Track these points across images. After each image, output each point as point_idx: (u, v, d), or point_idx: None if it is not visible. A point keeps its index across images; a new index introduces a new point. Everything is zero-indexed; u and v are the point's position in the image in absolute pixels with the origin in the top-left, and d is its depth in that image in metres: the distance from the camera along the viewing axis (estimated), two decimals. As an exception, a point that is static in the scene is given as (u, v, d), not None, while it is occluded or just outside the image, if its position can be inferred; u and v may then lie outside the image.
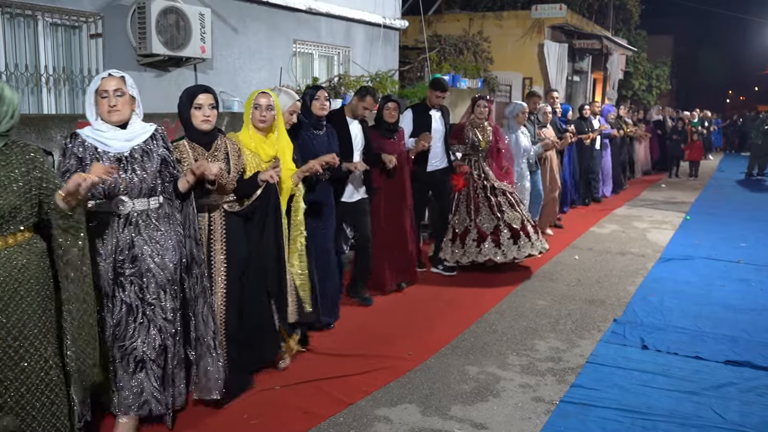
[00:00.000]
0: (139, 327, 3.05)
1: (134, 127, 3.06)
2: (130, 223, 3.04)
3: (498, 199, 6.15)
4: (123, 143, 3.01)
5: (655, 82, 22.32)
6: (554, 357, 4.31)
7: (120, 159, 2.99)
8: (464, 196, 6.22)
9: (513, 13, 15.02)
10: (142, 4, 5.92)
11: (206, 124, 3.39)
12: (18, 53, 5.47)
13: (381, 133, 5.43)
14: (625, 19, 21.28)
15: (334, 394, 3.67)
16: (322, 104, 4.54)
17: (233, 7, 7.23)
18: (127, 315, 3.04)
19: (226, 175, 3.43)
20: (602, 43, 15.33)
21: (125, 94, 2.99)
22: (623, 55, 18.29)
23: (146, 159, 3.05)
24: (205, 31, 6.37)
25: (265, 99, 3.77)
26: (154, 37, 5.91)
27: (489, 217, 6.08)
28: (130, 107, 3.03)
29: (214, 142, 3.49)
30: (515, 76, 14.16)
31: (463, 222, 6.14)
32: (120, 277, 3.03)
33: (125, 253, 3.02)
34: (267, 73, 7.63)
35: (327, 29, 8.71)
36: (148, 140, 3.09)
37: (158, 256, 3.07)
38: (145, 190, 3.05)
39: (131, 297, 3.04)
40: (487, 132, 6.29)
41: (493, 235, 6.03)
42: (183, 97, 3.41)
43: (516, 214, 6.13)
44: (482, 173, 6.25)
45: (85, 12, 5.78)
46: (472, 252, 6.03)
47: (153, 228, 3.09)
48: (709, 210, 10.49)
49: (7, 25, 5.37)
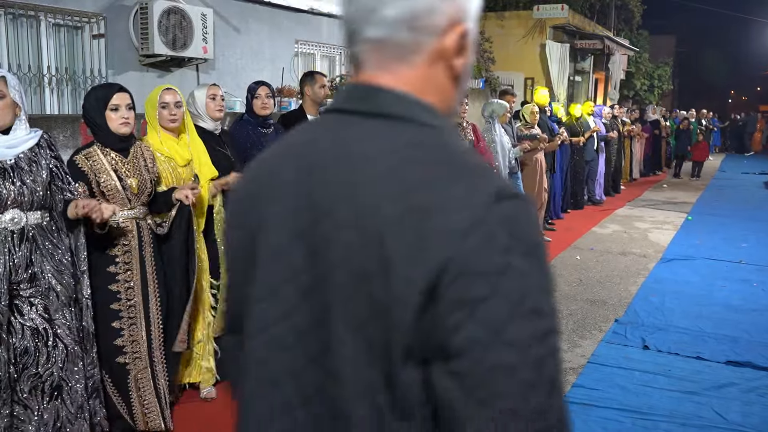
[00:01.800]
0: (53, 350, 2.76)
1: (17, 133, 2.69)
2: (26, 238, 2.69)
3: None
4: (4, 150, 2.65)
5: (657, 83, 22.33)
6: (555, 357, 4.31)
7: (4, 168, 2.64)
8: None
9: (515, 13, 15.02)
10: (144, 5, 5.94)
11: (125, 128, 3.02)
12: (21, 54, 5.49)
13: None
14: (626, 19, 21.29)
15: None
16: (263, 103, 4.11)
17: (235, 7, 7.24)
18: (35, 340, 2.71)
19: (118, 213, 2.94)
20: (604, 43, 15.34)
21: (6, 96, 2.63)
22: (625, 56, 18.30)
23: (35, 168, 2.71)
24: (207, 31, 6.38)
25: (171, 96, 3.36)
26: (156, 38, 5.93)
27: None
28: (12, 111, 2.66)
29: (131, 148, 3.12)
30: (517, 77, 14.17)
31: None
32: (15, 300, 2.67)
33: (22, 274, 2.67)
34: (269, 73, 7.64)
35: (329, 29, 8.72)
36: (35, 148, 2.74)
37: (59, 273, 2.78)
38: (37, 203, 2.71)
39: (36, 320, 2.71)
40: (466, 131, 6.00)
41: None
42: (92, 98, 3.01)
43: None
44: None
45: (87, 12, 5.79)
46: None
47: (50, 243, 2.77)
48: (710, 210, 10.48)
49: (10, 25, 5.39)
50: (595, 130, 10.08)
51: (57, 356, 2.78)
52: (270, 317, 0.94)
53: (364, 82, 0.94)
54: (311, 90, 4.67)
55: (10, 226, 2.66)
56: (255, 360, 0.97)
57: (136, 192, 3.09)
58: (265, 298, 0.95)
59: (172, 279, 3.30)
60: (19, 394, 2.73)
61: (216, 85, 3.86)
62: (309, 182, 0.91)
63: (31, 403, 2.75)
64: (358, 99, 0.93)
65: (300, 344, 0.91)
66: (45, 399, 2.77)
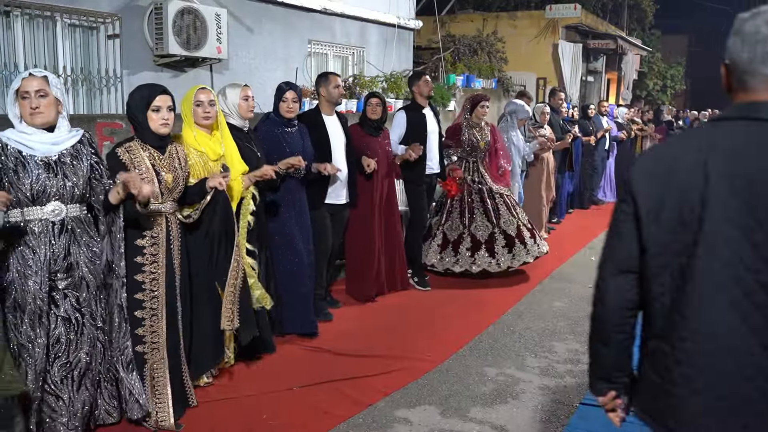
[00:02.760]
0: (80, 337, 2.96)
1: (61, 131, 2.91)
2: (65, 229, 2.91)
3: (495, 203, 5.88)
4: (50, 147, 2.86)
5: (670, 82, 22.19)
6: (573, 359, 4.27)
7: (48, 164, 2.85)
8: (457, 202, 5.91)
9: (527, 13, 14.98)
10: (159, 5, 5.94)
11: (164, 128, 3.19)
12: (37, 54, 5.50)
13: (365, 130, 5.20)
14: (639, 19, 21.18)
15: (353, 394, 3.65)
16: (288, 107, 4.32)
17: (249, 7, 7.24)
18: (66, 329, 2.92)
19: (159, 196, 3.19)
20: (617, 43, 15.25)
21: (48, 94, 2.81)
22: (638, 55, 18.19)
23: (77, 163, 2.93)
24: (221, 31, 6.38)
25: (205, 95, 3.60)
26: (170, 38, 5.93)
27: (484, 225, 5.80)
28: (55, 109, 2.86)
29: (168, 146, 3.30)
30: (529, 77, 14.11)
31: (457, 229, 5.84)
32: (52, 292, 2.89)
33: (60, 263, 2.88)
34: (282, 73, 7.63)
35: (342, 29, 8.71)
36: (77, 144, 2.95)
37: (91, 263, 2.98)
38: (77, 196, 2.93)
39: (68, 310, 2.92)
40: (485, 132, 6.01)
41: (487, 243, 5.75)
42: (137, 96, 3.18)
43: (512, 218, 5.86)
44: (479, 177, 5.96)
45: (102, 13, 5.81)
46: (466, 261, 5.74)
47: (87, 235, 2.98)
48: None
49: (26, 26, 5.41)
50: (607, 130, 10.01)
51: (84, 343, 2.97)
52: (721, 247, 1.44)
53: (752, 100, 1.51)
54: (326, 90, 4.82)
55: (51, 218, 2.87)
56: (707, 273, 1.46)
57: (170, 186, 3.24)
58: (717, 238, 1.45)
59: (209, 262, 3.48)
60: (51, 385, 2.90)
61: (247, 86, 4.09)
62: (743, 166, 1.43)
63: (62, 392, 2.91)
64: (747, 110, 1.51)
65: (742, 264, 1.43)
66: (74, 387, 2.95)
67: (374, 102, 5.20)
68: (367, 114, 5.22)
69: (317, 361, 4.11)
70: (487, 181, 5.96)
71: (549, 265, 6.51)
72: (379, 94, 5.36)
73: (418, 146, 5.28)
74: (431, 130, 5.69)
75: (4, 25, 5.25)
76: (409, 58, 10.15)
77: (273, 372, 3.92)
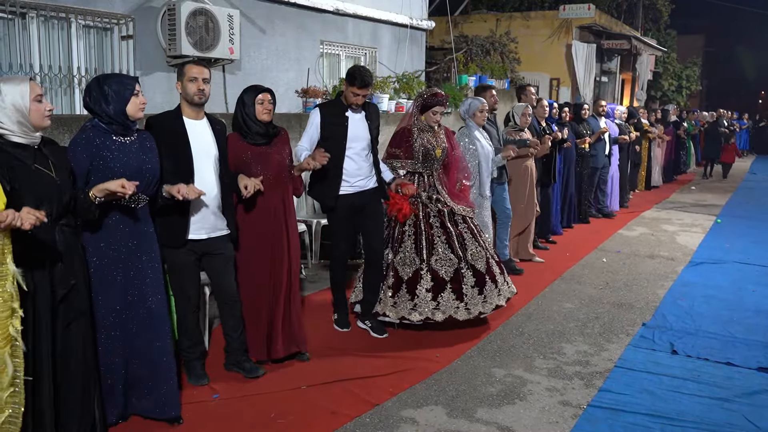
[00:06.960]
0: None
1: None
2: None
3: (459, 230, 4.60)
4: None
5: (685, 83, 22.01)
6: (582, 361, 4.26)
7: None
8: (411, 227, 4.56)
9: (540, 13, 14.95)
10: (172, 6, 6.00)
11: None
12: (52, 55, 5.58)
13: (247, 138, 3.76)
14: (654, 19, 21.04)
15: (361, 394, 3.67)
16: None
17: (261, 8, 7.28)
18: None
19: None
20: (631, 43, 15.15)
21: None
22: (652, 56, 18.06)
23: None
24: (234, 32, 6.43)
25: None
26: (183, 39, 5.99)
27: (447, 257, 4.48)
28: None
29: None
30: (542, 77, 14.08)
31: (412, 264, 4.48)
32: None
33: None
34: (295, 73, 7.67)
35: (354, 30, 8.74)
36: None
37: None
38: None
39: None
40: (440, 137, 4.70)
41: (453, 282, 4.45)
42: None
43: (479, 249, 4.61)
44: (436, 194, 4.65)
45: (116, 14, 5.87)
46: (427, 306, 4.40)
47: None
48: (740, 213, 10.30)
49: (42, 27, 5.48)
50: (603, 132, 8.71)
51: None
52: None
53: None
54: (181, 85, 3.48)
55: None
56: None
57: None
58: None
59: None
60: None
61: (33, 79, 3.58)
62: None
63: None
64: None
65: None
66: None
67: (265, 98, 3.74)
68: (255, 114, 3.73)
69: (325, 360, 4.13)
70: (447, 200, 4.67)
71: (560, 267, 6.49)
72: (268, 89, 3.80)
73: (322, 152, 3.88)
74: (353, 136, 4.35)
75: (20, 26, 5.33)
76: (422, 58, 10.16)
77: (281, 371, 3.94)
